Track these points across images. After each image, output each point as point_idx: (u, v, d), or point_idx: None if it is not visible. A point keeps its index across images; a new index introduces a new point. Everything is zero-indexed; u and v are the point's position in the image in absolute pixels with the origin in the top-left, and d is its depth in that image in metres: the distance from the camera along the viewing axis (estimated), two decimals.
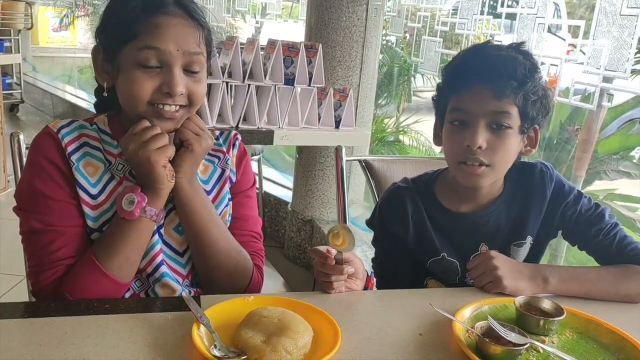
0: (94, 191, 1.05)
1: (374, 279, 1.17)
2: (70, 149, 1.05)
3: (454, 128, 1.17)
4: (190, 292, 1.11)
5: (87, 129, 1.09)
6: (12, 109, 6.40)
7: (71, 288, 1.00)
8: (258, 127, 2.50)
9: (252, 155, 2.98)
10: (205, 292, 1.13)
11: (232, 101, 2.55)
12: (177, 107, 1.03)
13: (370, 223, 1.34)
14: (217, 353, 0.81)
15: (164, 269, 1.09)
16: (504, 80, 1.10)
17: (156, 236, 1.09)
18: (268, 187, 3.68)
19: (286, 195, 3.46)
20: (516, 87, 1.11)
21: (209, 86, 2.36)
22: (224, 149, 1.21)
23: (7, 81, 6.45)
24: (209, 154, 1.18)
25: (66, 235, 1.03)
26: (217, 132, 1.23)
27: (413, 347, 0.91)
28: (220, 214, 1.15)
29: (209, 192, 1.15)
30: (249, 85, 2.44)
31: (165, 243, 1.11)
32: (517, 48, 1.16)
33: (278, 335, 0.84)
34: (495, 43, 1.20)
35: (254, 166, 3.03)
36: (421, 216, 1.25)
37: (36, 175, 1.04)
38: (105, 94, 1.09)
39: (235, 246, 1.13)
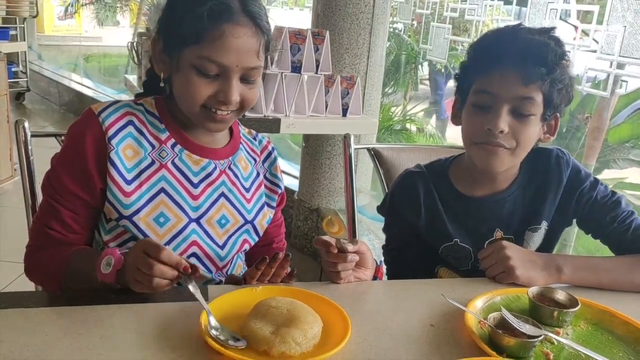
0: (128, 176, 1.04)
1: (384, 268, 1.16)
2: (111, 131, 1.03)
3: (477, 110, 1.14)
4: (221, 282, 1.12)
5: (133, 108, 1.08)
6: (18, 97, 6.41)
7: (32, 270, 1.08)
8: (265, 115, 2.48)
9: None
10: None
11: None
12: (229, 111, 1.05)
13: (381, 209, 1.33)
14: (220, 337, 0.80)
15: (194, 260, 1.07)
16: (534, 66, 1.08)
17: (189, 230, 1.07)
18: None
19: (293, 184, 3.44)
20: (545, 74, 1.08)
21: None
22: (258, 152, 1.23)
23: (13, 69, 6.44)
24: (249, 154, 1.20)
25: (67, 221, 1.05)
26: (254, 132, 1.26)
27: (424, 338, 0.89)
28: (255, 218, 1.17)
29: (247, 189, 1.17)
30: None
31: (206, 233, 1.10)
32: (548, 33, 1.12)
33: (287, 326, 0.82)
34: (527, 27, 1.16)
35: None
36: (434, 201, 1.23)
37: (65, 165, 1.05)
38: (161, 84, 1.09)
39: None
